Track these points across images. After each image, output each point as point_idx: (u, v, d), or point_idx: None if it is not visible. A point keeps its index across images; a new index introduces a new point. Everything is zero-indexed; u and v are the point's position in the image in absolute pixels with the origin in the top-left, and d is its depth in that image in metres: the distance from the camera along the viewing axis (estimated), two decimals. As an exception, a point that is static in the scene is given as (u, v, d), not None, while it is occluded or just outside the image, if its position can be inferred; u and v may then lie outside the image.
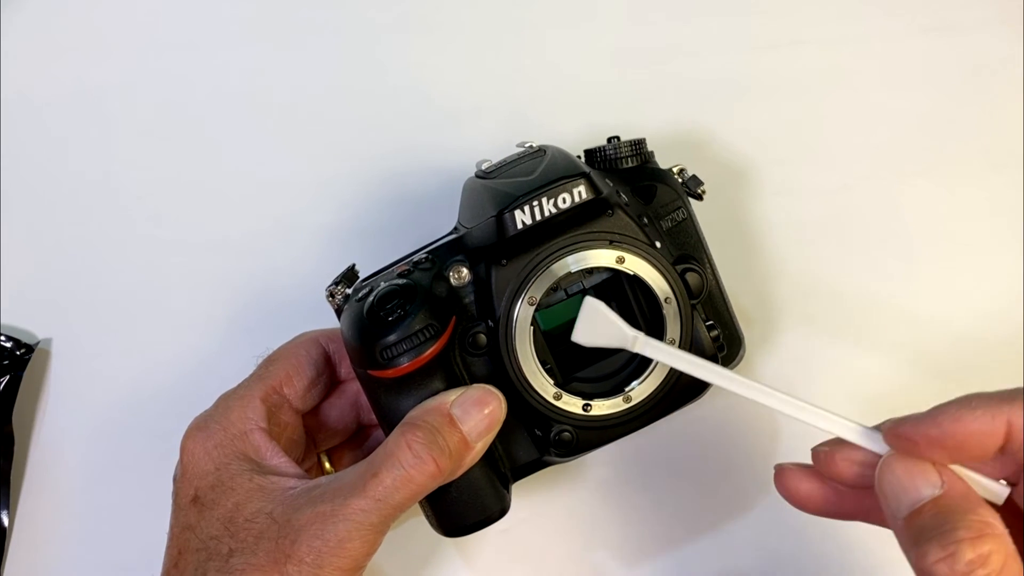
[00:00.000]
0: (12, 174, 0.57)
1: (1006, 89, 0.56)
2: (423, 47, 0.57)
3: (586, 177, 0.42)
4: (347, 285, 0.44)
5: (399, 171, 0.56)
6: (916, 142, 0.56)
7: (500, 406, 0.42)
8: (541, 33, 0.57)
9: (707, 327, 0.44)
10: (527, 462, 0.45)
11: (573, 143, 0.47)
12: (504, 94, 0.57)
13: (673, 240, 0.46)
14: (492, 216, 0.42)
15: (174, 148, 0.57)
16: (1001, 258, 0.55)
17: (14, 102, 0.57)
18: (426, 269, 0.43)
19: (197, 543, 0.41)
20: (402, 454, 0.39)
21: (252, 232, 0.56)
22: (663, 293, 0.43)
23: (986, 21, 0.56)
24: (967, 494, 0.34)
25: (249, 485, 0.41)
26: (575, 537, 0.52)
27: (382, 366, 0.41)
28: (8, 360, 0.53)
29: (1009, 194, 0.55)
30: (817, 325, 0.54)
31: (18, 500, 0.53)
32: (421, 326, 0.41)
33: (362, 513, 0.38)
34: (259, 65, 0.57)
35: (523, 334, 0.42)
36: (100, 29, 0.58)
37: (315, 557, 0.38)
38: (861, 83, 0.57)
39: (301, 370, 0.46)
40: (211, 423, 0.43)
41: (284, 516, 0.39)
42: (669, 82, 0.57)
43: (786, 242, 0.55)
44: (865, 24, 0.57)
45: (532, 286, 0.42)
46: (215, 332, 0.55)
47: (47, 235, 0.56)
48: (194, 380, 0.54)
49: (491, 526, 0.43)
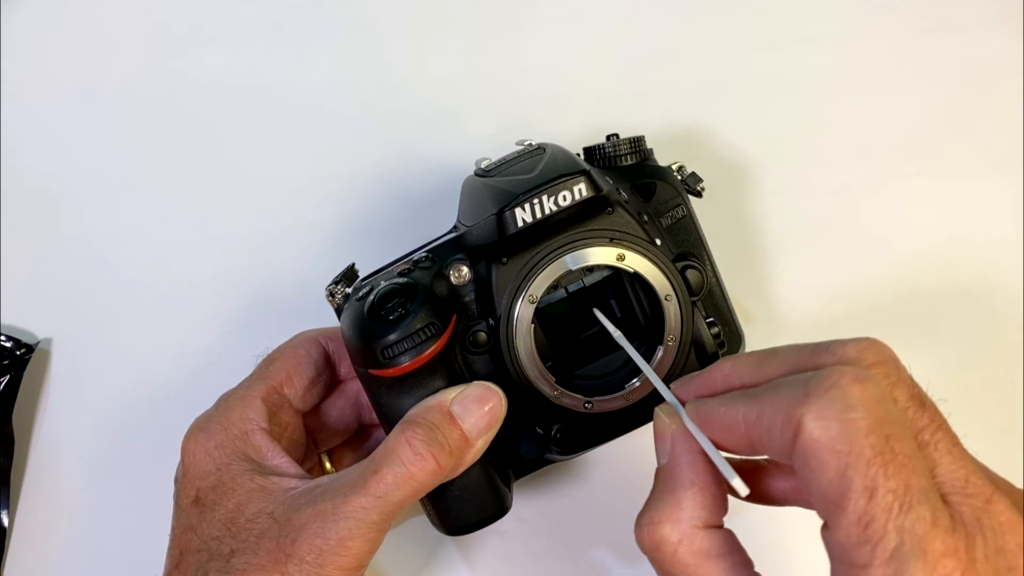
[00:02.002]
0: (12, 174, 0.57)
1: (1006, 88, 0.56)
2: (422, 46, 0.58)
3: (586, 175, 0.42)
4: (347, 284, 0.44)
5: (398, 170, 0.56)
6: (916, 141, 0.56)
7: (500, 403, 0.41)
8: (539, 32, 0.58)
9: (707, 324, 0.44)
10: (528, 460, 0.45)
11: (571, 141, 0.47)
12: (502, 93, 0.57)
13: (673, 237, 0.46)
14: (493, 214, 0.41)
15: (173, 148, 0.57)
16: (1001, 257, 0.55)
17: (14, 101, 0.57)
18: (426, 268, 0.43)
19: (198, 544, 0.41)
20: (402, 451, 0.39)
21: (251, 231, 0.56)
22: (663, 290, 0.43)
23: (986, 20, 0.57)
24: (677, 474, 0.34)
25: (250, 485, 0.41)
26: (575, 535, 0.52)
27: (383, 365, 0.41)
28: (8, 360, 0.53)
29: (1009, 193, 0.55)
30: (817, 324, 0.54)
31: (18, 500, 0.53)
32: (422, 325, 0.40)
33: (363, 511, 0.38)
34: (259, 65, 0.58)
35: (524, 332, 0.42)
36: (101, 28, 0.58)
37: (316, 556, 0.38)
38: (861, 82, 0.57)
39: (301, 370, 0.46)
40: (212, 424, 0.43)
41: (285, 516, 0.39)
42: (668, 81, 0.57)
43: (786, 241, 0.55)
44: (865, 23, 0.57)
45: (533, 284, 0.42)
46: (214, 331, 0.55)
47: (47, 235, 0.56)
48: (194, 379, 0.54)
49: (492, 525, 0.43)
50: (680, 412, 0.35)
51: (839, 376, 0.30)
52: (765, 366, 0.34)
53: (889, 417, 0.30)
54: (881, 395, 0.31)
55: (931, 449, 0.31)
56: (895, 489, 0.29)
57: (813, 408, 0.30)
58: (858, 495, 0.29)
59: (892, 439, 0.29)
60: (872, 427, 0.29)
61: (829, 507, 0.30)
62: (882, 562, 0.28)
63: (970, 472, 0.31)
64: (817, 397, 0.30)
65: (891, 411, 0.30)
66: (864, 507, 0.29)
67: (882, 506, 0.29)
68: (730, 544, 0.34)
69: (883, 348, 0.33)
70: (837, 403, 0.30)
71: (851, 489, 0.29)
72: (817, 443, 0.30)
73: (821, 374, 0.31)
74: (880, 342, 0.33)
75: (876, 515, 0.29)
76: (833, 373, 0.31)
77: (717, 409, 0.34)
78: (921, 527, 0.28)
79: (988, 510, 0.30)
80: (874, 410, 0.30)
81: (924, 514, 0.29)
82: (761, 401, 0.32)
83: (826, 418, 0.30)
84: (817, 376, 0.31)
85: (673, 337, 0.43)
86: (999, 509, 0.30)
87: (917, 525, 0.28)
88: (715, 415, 0.34)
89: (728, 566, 0.33)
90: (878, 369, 0.32)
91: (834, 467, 0.29)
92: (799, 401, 0.31)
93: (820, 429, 0.30)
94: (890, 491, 0.29)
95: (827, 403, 0.30)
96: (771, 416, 0.31)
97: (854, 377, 0.30)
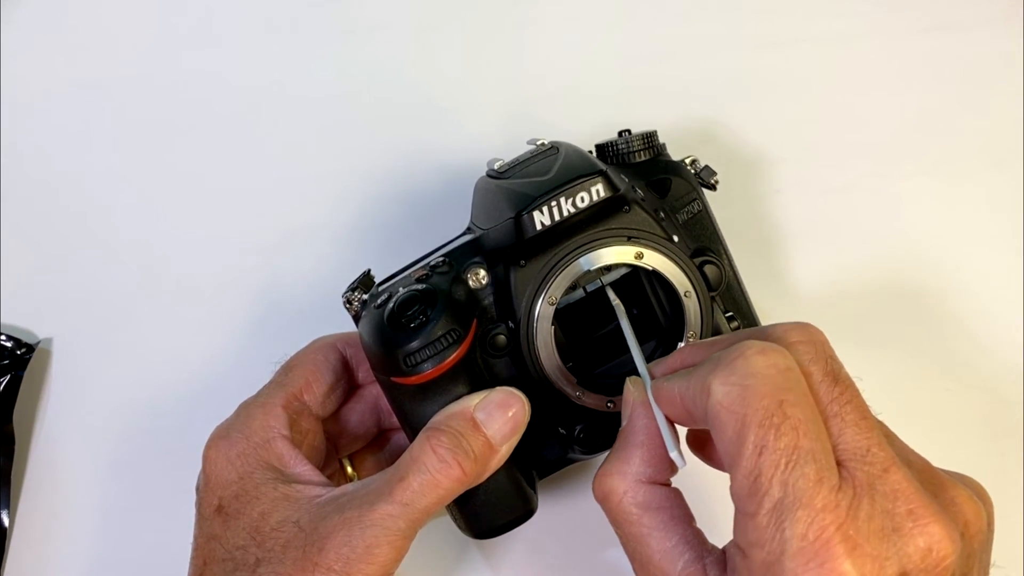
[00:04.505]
0: (12, 173, 0.56)
1: (1007, 86, 0.56)
2: (428, 45, 0.57)
3: (603, 175, 0.41)
4: (363, 291, 0.44)
5: (404, 169, 0.56)
6: (917, 140, 0.56)
7: (523, 408, 0.41)
8: (544, 30, 0.57)
9: (727, 318, 0.44)
10: (551, 460, 0.45)
11: (579, 138, 0.47)
12: (508, 91, 0.57)
13: (689, 232, 0.46)
14: (510, 218, 0.41)
15: (174, 148, 0.57)
16: (1002, 256, 0.55)
17: (14, 100, 0.57)
18: (444, 273, 0.43)
19: (223, 553, 0.41)
20: (428, 459, 0.39)
21: (255, 232, 0.56)
22: (682, 287, 0.42)
23: (987, 19, 0.57)
24: (630, 435, 0.38)
25: (274, 494, 0.41)
26: (591, 534, 0.52)
27: (406, 373, 0.40)
28: (8, 360, 0.53)
29: (1010, 191, 0.55)
30: (816, 322, 0.54)
31: (18, 500, 0.53)
32: (443, 332, 0.40)
33: (389, 518, 0.38)
34: (264, 65, 0.57)
35: (544, 334, 0.42)
36: (104, 27, 0.58)
37: (343, 565, 0.38)
38: (863, 81, 0.57)
39: (320, 376, 0.45)
40: (233, 432, 0.43)
41: (311, 524, 0.39)
42: (670, 80, 0.56)
43: (787, 240, 0.55)
44: (867, 22, 0.57)
45: (552, 286, 0.42)
46: (216, 331, 0.55)
47: (47, 235, 0.56)
48: (194, 379, 0.54)
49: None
50: (647, 384, 0.38)
51: (746, 348, 0.34)
52: (711, 348, 0.37)
53: (787, 384, 0.33)
54: (784, 365, 0.33)
55: (838, 420, 0.33)
56: (783, 448, 0.31)
57: (720, 375, 0.34)
58: (750, 452, 0.32)
59: (786, 404, 0.32)
60: (768, 392, 0.32)
61: (729, 463, 0.33)
62: (766, 512, 0.31)
63: (873, 443, 0.33)
64: (724, 365, 0.34)
65: (790, 379, 0.33)
66: (755, 463, 0.32)
67: (769, 462, 0.31)
68: (672, 499, 0.37)
69: (810, 330, 0.36)
70: (740, 370, 0.33)
71: (744, 446, 0.32)
72: (720, 405, 0.33)
73: (733, 348, 0.34)
74: (810, 325, 0.36)
75: (764, 470, 0.31)
76: (742, 346, 0.34)
77: (663, 384, 0.37)
78: (804, 483, 0.31)
79: (884, 477, 0.32)
80: (773, 377, 0.33)
81: (808, 472, 0.31)
82: (691, 375, 0.35)
83: (729, 383, 0.33)
84: (729, 349, 0.34)
85: (693, 333, 0.43)
86: (896, 478, 0.32)
87: (800, 481, 0.31)
88: (662, 389, 0.37)
89: (667, 518, 0.37)
90: (801, 347, 0.35)
91: (732, 426, 0.32)
92: (711, 370, 0.34)
93: (722, 393, 0.33)
94: (778, 449, 0.31)
95: (731, 370, 0.33)
96: (694, 387, 0.35)
97: (759, 349, 0.34)
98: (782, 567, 0.31)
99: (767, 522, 0.31)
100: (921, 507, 0.32)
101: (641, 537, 0.37)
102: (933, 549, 0.32)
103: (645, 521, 0.37)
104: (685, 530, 0.37)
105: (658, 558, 0.36)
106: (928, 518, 0.32)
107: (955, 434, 0.53)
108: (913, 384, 0.54)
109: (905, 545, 0.31)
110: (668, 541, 0.36)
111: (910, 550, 0.31)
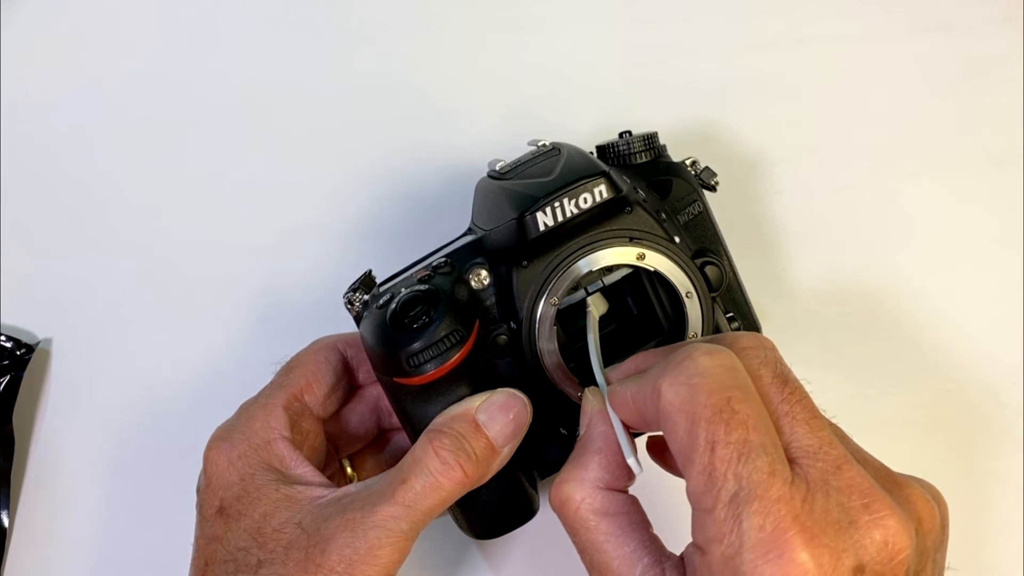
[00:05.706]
0: (12, 173, 0.56)
1: (1007, 86, 0.56)
2: (428, 46, 0.57)
3: (606, 176, 0.41)
4: (365, 291, 0.44)
5: (405, 169, 0.56)
6: (917, 140, 0.56)
7: (525, 410, 0.41)
8: (545, 31, 0.57)
9: (727, 319, 0.44)
10: (553, 460, 0.45)
11: (579, 139, 0.47)
12: (509, 92, 0.57)
13: (690, 233, 0.46)
14: (513, 218, 0.41)
15: (175, 147, 0.56)
16: (1002, 256, 0.55)
17: (14, 101, 0.56)
18: (446, 273, 0.42)
19: (224, 554, 0.41)
20: (430, 461, 0.39)
21: (256, 232, 0.56)
22: (684, 288, 0.43)
23: (987, 19, 0.57)
24: (588, 442, 0.38)
25: (276, 495, 0.41)
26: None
27: (408, 374, 0.40)
28: (8, 360, 0.53)
29: (1010, 191, 0.56)
30: (816, 323, 0.55)
31: (18, 500, 0.53)
32: (446, 332, 0.40)
33: (392, 520, 0.38)
34: (265, 65, 0.57)
35: (547, 334, 0.42)
36: (104, 27, 0.57)
37: (346, 566, 0.38)
38: (862, 81, 0.57)
39: (321, 377, 0.45)
40: (234, 433, 0.43)
41: (313, 525, 0.39)
42: (670, 81, 0.56)
43: (787, 240, 0.55)
44: (867, 22, 0.57)
45: (554, 286, 0.42)
46: (216, 332, 0.55)
47: (47, 235, 0.56)
48: (194, 379, 0.54)
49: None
50: (603, 392, 0.39)
51: (693, 350, 0.34)
52: (663, 353, 0.38)
53: (734, 383, 0.33)
54: (730, 365, 0.34)
55: (789, 419, 0.34)
56: (734, 442, 0.32)
57: (668, 376, 0.34)
58: (702, 448, 0.32)
59: (734, 400, 0.33)
60: (715, 389, 0.33)
61: (683, 462, 0.33)
62: (723, 505, 0.32)
63: (824, 442, 0.33)
64: (673, 367, 0.34)
65: (737, 377, 0.34)
66: (708, 458, 0.32)
67: (722, 457, 0.32)
68: (628, 506, 0.37)
69: (760, 338, 0.37)
70: (687, 370, 0.34)
71: (696, 442, 0.32)
72: (671, 405, 0.34)
73: (681, 350, 0.35)
74: (759, 334, 0.37)
75: (717, 465, 0.32)
76: (689, 348, 0.35)
77: (616, 388, 0.38)
78: (757, 475, 0.31)
79: (837, 473, 0.33)
80: (720, 376, 0.33)
81: (761, 465, 0.31)
82: (642, 379, 0.36)
83: (677, 383, 0.34)
84: (677, 352, 0.35)
85: (694, 334, 0.43)
86: (850, 474, 0.33)
87: (754, 474, 0.31)
88: (615, 394, 0.38)
89: (625, 523, 0.37)
90: (750, 352, 0.36)
91: (683, 425, 0.33)
92: (660, 373, 0.35)
93: (672, 393, 0.34)
94: (730, 444, 0.32)
95: (680, 371, 0.34)
96: (645, 389, 0.35)
97: (705, 351, 0.34)
98: (741, 559, 0.31)
99: (724, 515, 0.31)
100: (876, 501, 0.32)
101: (599, 544, 0.36)
102: (889, 542, 0.32)
103: (603, 527, 0.36)
104: (643, 535, 0.37)
105: (616, 564, 0.36)
106: (884, 511, 0.32)
107: (955, 434, 0.53)
108: (912, 384, 0.54)
109: (862, 537, 0.32)
110: (626, 546, 0.36)
111: (867, 542, 0.32)
